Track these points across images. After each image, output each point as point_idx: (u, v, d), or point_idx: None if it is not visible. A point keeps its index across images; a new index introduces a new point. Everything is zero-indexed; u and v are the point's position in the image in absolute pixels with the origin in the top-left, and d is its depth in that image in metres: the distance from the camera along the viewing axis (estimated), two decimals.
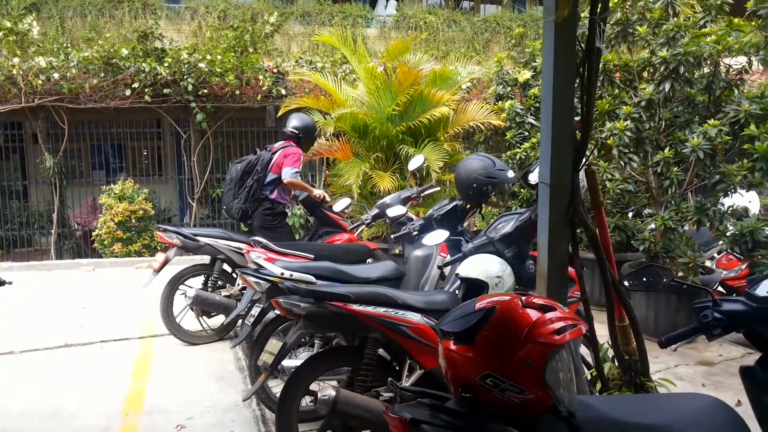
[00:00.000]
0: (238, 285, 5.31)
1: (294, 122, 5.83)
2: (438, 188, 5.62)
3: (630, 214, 6.18)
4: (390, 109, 7.33)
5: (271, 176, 5.60)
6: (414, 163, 5.15)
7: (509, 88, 7.92)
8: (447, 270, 3.97)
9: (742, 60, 5.18)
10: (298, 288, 3.09)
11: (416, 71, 7.33)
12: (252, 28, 10.64)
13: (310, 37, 11.16)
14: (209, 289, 5.37)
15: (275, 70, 9.90)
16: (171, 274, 5.35)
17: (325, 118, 7.69)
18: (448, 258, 4.01)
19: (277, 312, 3.31)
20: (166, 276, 5.32)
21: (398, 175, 7.10)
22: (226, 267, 5.48)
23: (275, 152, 5.64)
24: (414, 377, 3.22)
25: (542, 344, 1.62)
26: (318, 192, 5.67)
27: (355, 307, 3.01)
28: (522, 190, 6.86)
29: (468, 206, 4.46)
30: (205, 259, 5.61)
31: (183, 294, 5.19)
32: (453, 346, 1.66)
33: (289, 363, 3.62)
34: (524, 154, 6.77)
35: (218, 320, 5.41)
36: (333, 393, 2.74)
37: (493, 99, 8.26)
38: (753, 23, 4.61)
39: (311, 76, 8.32)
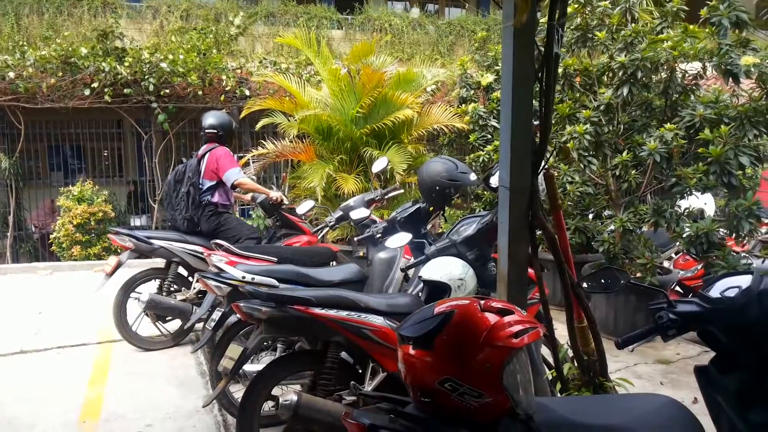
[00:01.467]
0: (194, 289, 5.24)
1: (209, 120, 5.55)
2: (402, 190, 5.64)
3: (590, 216, 6.29)
4: (354, 111, 7.32)
5: (207, 183, 5.39)
6: (378, 166, 5.15)
7: (472, 92, 8.00)
8: (411, 272, 3.98)
9: (697, 66, 5.31)
10: (259, 292, 3.06)
11: (380, 73, 7.35)
12: (216, 29, 10.52)
13: (274, 38, 11.08)
14: (164, 293, 5.26)
15: (238, 71, 9.81)
16: (125, 279, 5.22)
17: (289, 120, 7.65)
18: (412, 260, 4.01)
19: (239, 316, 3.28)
20: (120, 280, 5.20)
21: (362, 177, 7.11)
22: (182, 270, 5.37)
23: (202, 157, 5.41)
24: (377, 380, 3.22)
25: (500, 348, 1.63)
26: (275, 194, 5.49)
27: (317, 310, 2.99)
28: (485, 192, 6.92)
29: (431, 209, 4.48)
30: (160, 262, 5.47)
31: (137, 299, 5.07)
32: (412, 351, 1.66)
33: (250, 368, 3.58)
34: (487, 156, 6.84)
35: (175, 324, 5.32)
36: (294, 398, 2.72)
37: (457, 102, 8.33)
38: (707, 30, 4.73)
39: (274, 77, 8.27)
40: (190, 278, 5.36)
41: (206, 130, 5.52)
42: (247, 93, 9.50)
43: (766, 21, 4.30)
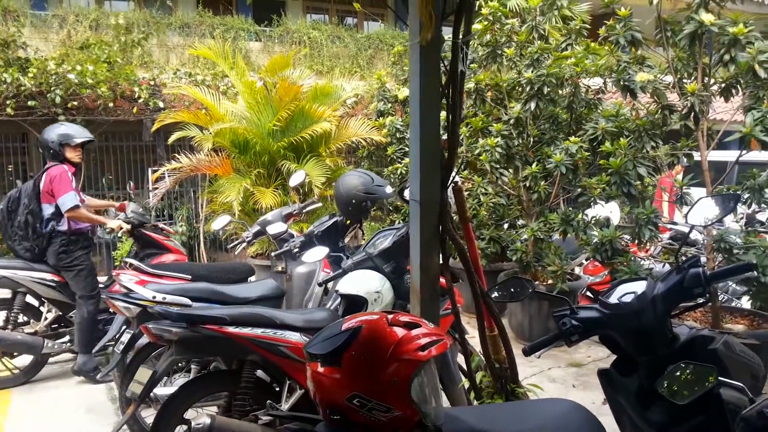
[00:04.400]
0: (46, 319, 4.93)
1: (44, 135, 4.89)
2: (320, 204, 5.63)
3: (505, 226, 6.49)
4: (271, 124, 7.26)
5: (48, 208, 4.77)
6: (295, 179, 5.13)
7: (390, 105, 8.10)
8: (330, 286, 3.98)
9: (599, 81, 5.61)
10: (169, 312, 2.97)
11: (297, 87, 7.33)
12: (125, 38, 10.17)
13: (189, 49, 10.85)
14: (10, 327, 4.81)
15: (151, 83, 9.53)
16: None
17: (203, 133, 7.49)
18: (331, 274, 4.01)
19: None
20: None
21: (281, 191, 7.04)
22: (31, 300, 4.94)
23: (40, 178, 4.80)
24: (294, 398, 3.18)
25: (407, 361, 1.65)
26: (113, 223, 4.95)
27: (231, 329, 2.93)
28: (405, 204, 7.01)
29: (348, 222, 4.50)
30: (5, 293, 4.93)
31: None
32: (320, 368, 1.66)
33: (163, 391, 3.47)
34: (405, 168, 6.94)
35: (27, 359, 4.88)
36: (208, 421, 2.63)
37: (375, 115, 8.41)
38: (607, 47, 5.00)
39: (187, 89, 8.08)
40: (41, 308, 4.98)
41: (44, 144, 4.87)
42: (161, 105, 9.24)
43: (659, 39, 4.57)
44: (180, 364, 3.82)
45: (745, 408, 1.64)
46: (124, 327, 4.06)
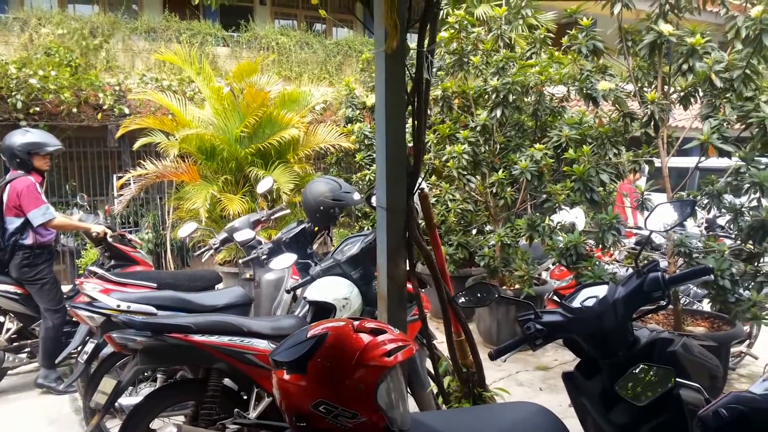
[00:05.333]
0: (7, 331, 4.81)
1: (11, 141, 4.66)
2: (288, 210, 5.60)
3: (474, 232, 6.55)
4: (238, 130, 7.21)
5: (13, 221, 4.60)
6: (263, 186, 5.10)
7: (358, 111, 8.12)
8: (299, 293, 3.97)
9: (563, 89, 5.71)
10: (133, 321, 2.93)
11: (264, 93, 7.30)
12: (86, 42, 10.00)
13: (155, 54, 10.71)
14: None
15: (116, 88, 9.38)
16: None
17: (169, 139, 7.41)
18: (299, 281, 4.00)
19: None
20: None
21: (249, 198, 7.00)
22: None
23: (3, 190, 4.62)
24: (262, 406, 3.16)
25: (373, 367, 1.66)
26: (98, 228, 4.86)
27: (197, 337, 2.91)
28: (374, 211, 7.03)
29: (316, 229, 4.50)
30: None
31: None
32: (286, 376, 1.66)
33: (128, 401, 3.42)
34: (373, 175, 6.96)
35: None
36: (174, 430, 2.63)
37: (343, 121, 8.42)
38: (570, 56, 5.10)
39: (152, 95, 7.98)
40: (2, 319, 4.85)
41: (9, 153, 4.65)
42: (127, 111, 9.09)
43: (620, 49, 4.68)
44: (146, 374, 3.77)
45: (702, 408, 1.68)
46: (87, 337, 3.99)
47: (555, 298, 6.26)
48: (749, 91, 4.14)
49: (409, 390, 3.52)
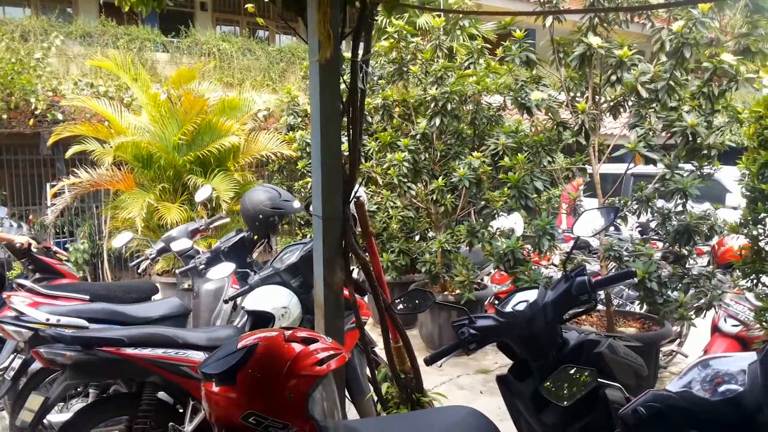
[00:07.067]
0: None
1: None
2: (228, 219, 5.53)
3: (417, 238, 6.61)
4: (176, 138, 7.07)
5: None
6: (201, 194, 5.02)
7: (300, 119, 8.08)
8: (240, 303, 3.92)
9: (500, 98, 5.84)
10: (62, 335, 2.83)
11: (203, 100, 7.18)
12: (17, 46, 9.62)
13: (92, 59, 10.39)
14: None
15: (50, 93, 9.06)
16: None
17: (104, 147, 7.20)
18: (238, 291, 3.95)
19: None
20: None
21: (187, 207, 6.86)
22: None
23: None
24: (198, 419, 3.11)
25: (305, 377, 1.66)
26: (21, 239, 4.75)
27: (129, 350, 2.84)
28: None
29: (256, 237, 4.46)
30: None
31: None
32: (215, 388, 1.64)
33: (57, 418, 3.30)
34: None
35: None
36: None
37: (285, 129, 8.37)
38: (506, 67, 5.22)
39: (86, 101, 7.74)
40: None
41: None
42: (60, 117, 8.79)
43: (553, 60, 4.82)
44: (78, 389, 3.65)
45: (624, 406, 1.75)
46: (14, 353, 3.83)
47: (495, 302, 6.37)
48: (673, 101, 4.34)
49: (349, 397, 3.53)
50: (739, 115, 4.33)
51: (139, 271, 5.05)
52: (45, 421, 3.08)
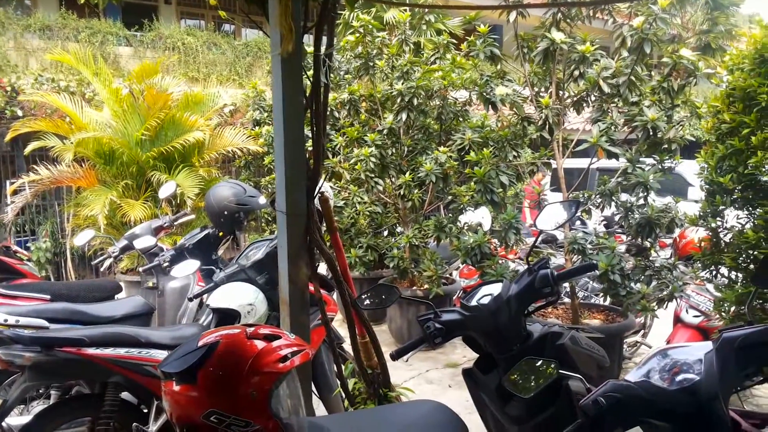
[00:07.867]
0: None
1: None
2: (193, 216, 5.45)
3: (385, 233, 6.61)
4: (139, 133, 6.95)
5: None
6: (165, 191, 4.94)
7: (266, 114, 8.01)
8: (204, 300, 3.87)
9: (466, 93, 5.86)
10: (21, 335, 2.77)
11: (166, 95, 7.06)
12: None
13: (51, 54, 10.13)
14: None
15: (8, 88, 8.81)
16: None
17: (64, 143, 7.04)
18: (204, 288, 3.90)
19: None
20: None
21: (151, 203, 6.76)
22: None
23: None
24: (162, 419, 3.06)
25: (267, 374, 1.65)
26: None
27: (91, 350, 2.78)
28: None
29: (221, 234, 4.41)
30: None
31: None
32: (175, 387, 1.61)
33: (16, 421, 3.23)
34: None
35: None
36: None
37: (251, 124, 8.29)
38: (471, 62, 5.24)
39: (46, 96, 7.56)
40: None
41: None
42: (20, 113, 8.56)
43: (517, 55, 4.85)
44: (39, 391, 3.56)
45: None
46: None
47: (462, 295, 6.41)
48: (634, 96, 4.41)
49: (317, 393, 3.52)
50: (698, 109, 4.42)
51: (102, 269, 4.95)
52: (3, 424, 3.01)
